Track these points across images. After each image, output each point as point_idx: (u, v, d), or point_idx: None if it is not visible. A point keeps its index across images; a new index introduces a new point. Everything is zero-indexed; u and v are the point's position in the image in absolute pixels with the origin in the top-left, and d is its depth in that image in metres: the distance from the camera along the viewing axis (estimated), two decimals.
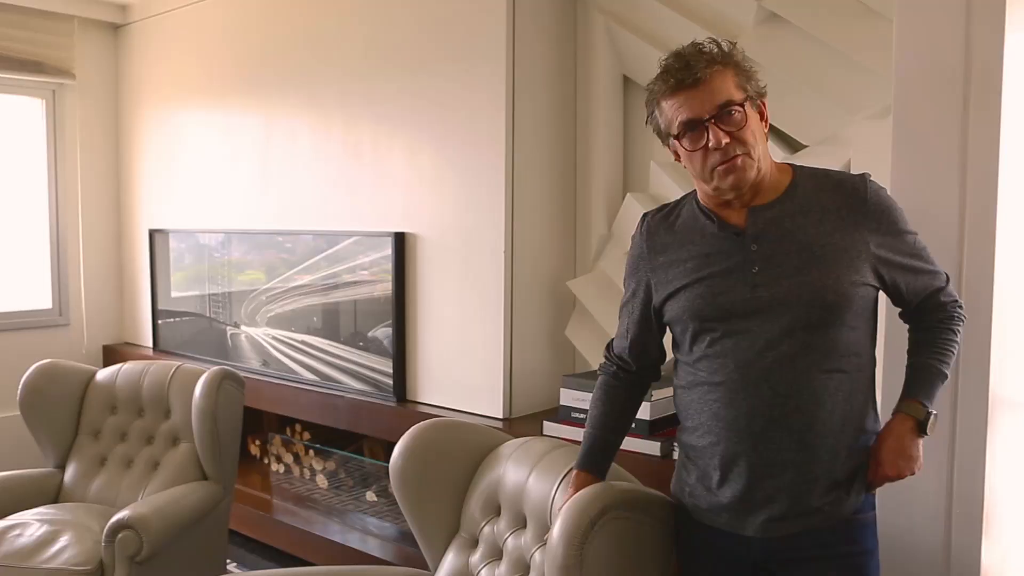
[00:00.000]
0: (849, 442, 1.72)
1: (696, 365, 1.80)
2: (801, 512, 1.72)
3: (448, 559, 2.30)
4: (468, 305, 3.14)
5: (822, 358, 1.69)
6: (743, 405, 1.71)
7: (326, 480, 4.10)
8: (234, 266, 4.12)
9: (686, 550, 1.91)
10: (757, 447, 1.71)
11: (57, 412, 3.32)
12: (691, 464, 1.84)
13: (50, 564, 2.64)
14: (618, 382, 1.99)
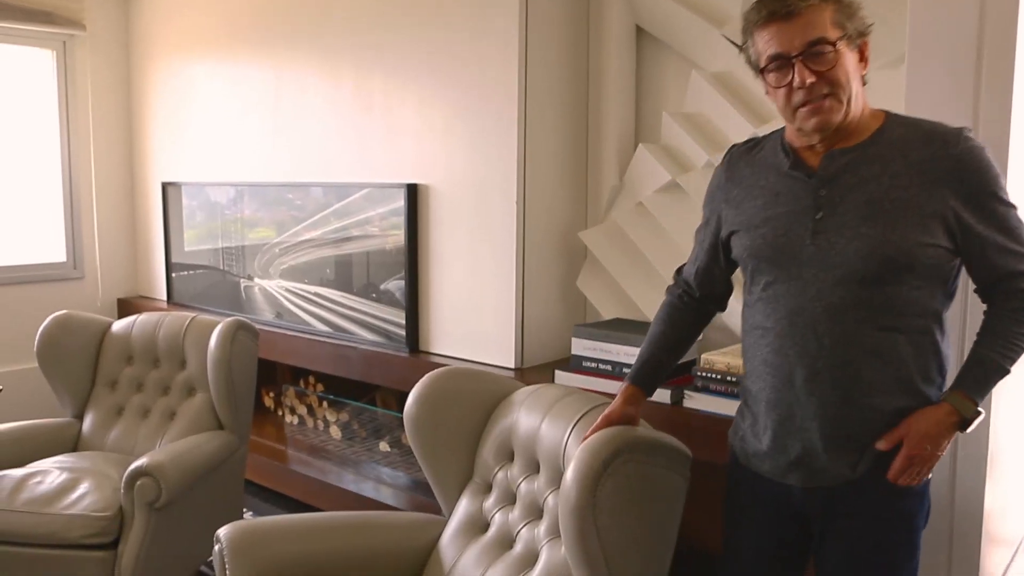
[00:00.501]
0: (899, 404, 1.68)
1: (754, 307, 1.80)
2: (842, 467, 1.71)
3: (462, 504, 2.33)
4: (480, 256, 3.14)
5: (876, 314, 1.65)
6: (789, 353, 1.71)
7: (340, 431, 4.15)
8: (246, 223, 4.13)
9: (733, 495, 1.93)
10: (800, 398, 1.71)
11: (74, 363, 3.35)
12: (746, 409, 1.86)
13: (71, 510, 2.69)
14: (682, 305, 2.00)
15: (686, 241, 2.89)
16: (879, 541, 1.73)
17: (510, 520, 2.20)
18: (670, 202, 2.98)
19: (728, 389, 2.49)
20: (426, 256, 3.33)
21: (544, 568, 2.02)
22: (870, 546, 1.73)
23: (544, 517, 2.11)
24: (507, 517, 2.22)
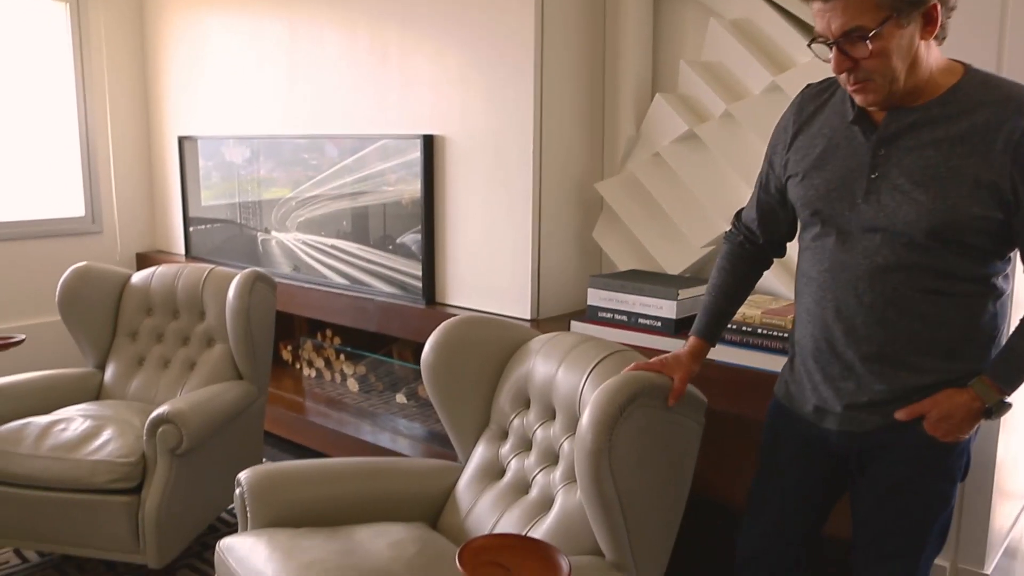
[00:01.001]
0: (938, 365, 1.67)
1: (803, 255, 1.81)
2: (876, 416, 1.72)
3: (478, 451, 2.36)
4: (496, 207, 3.14)
5: (920, 278, 1.63)
6: (829, 306, 1.72)
7: (357, 384, 4.19)
8: (262, 182, 4.13)
9: (769, 435, 1.95)
10: (837, 349, 1.72)
11: (94, 314, 3.39)
12: (793, 350, 1.88)
13: (95, 456, 2.74)
14: (742, 252, 1.99)
15: (703, 192, 2.90)
16: (915, 488, 1.74)
17: (526, 466, 2.23)
18: (687, 152, 2.96)
19: (744, 340, 2.49)
20: (442, 208, 3.33)
21: (559, 512, 2.04)
22: (905, 492, 1.74)
23: (560, 462, 2.13)
24: (523, 463, 2.24)
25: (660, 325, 2.73)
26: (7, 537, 2.86)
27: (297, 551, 1.95)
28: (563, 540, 1.96)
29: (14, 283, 4.50)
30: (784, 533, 1.95)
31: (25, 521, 2.80)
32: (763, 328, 2.45)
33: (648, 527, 1.92)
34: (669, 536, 2.01)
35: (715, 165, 2.87)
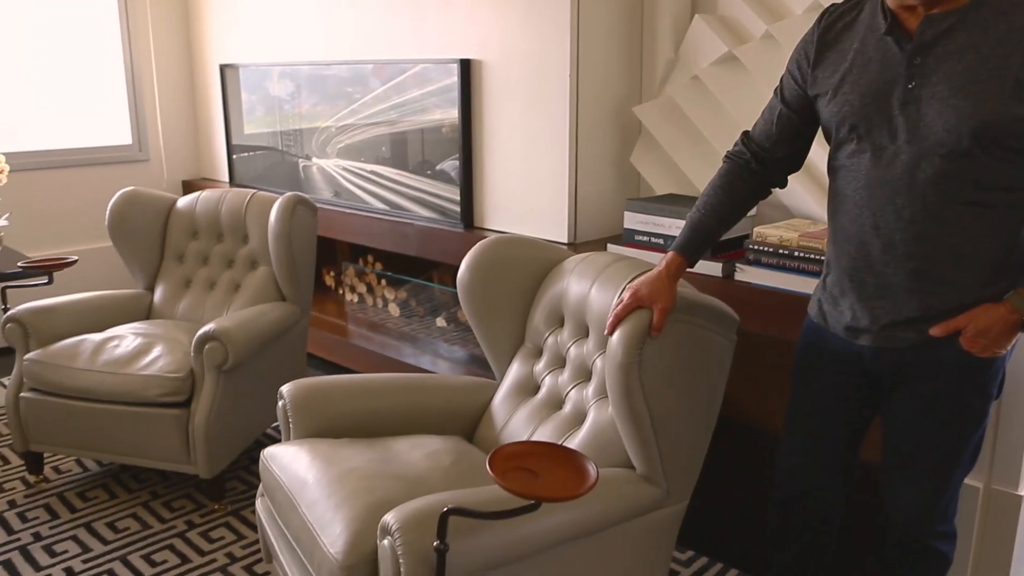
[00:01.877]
0: (977, 278, 1.67)
1: (837, 173, 1.80)
2: (911, 333, 1.72)
3: (513, 368, 2.41)
4: (534, 131, 3.14)
5: (961, 189, 1.61)
6: (867, 224, 1.71)
7: (398, 309, 4.26)
8: (304, 112, 4.16)
9: (804, 353, 1.96)
10: (874, 267, 1.72)
11: (142, 237, 3.48)
12: (827, 269, 1.88)
13: (147, 371, 2.85)
14: (747, 172, 1.94)
15: (743, 115, 2.87)
16: (949, 405, 1.75)
17: (559, 382, 2.28)
18: (726, 75, 2.93)
19: (780, 263, 2.49)
20: (480, 132, 3.34)
21: (591, 426, 2.10)
22: (939, 409, 1.76)
23: (592, 379, 2.18)
24: (557, 379, 2.29)
25: None
26: (69, 447, 3.00)
27: (337, 459, 2.03)
28: (595, 453, 2.02)
29: (67, 210, 4.63)
30: (821, 453, 1.98)
31: (85, 432, 2.94)
32: (800, 251, 2.44)
33: (678, 441, 1.96)
34: (699, 451, 2.06)
35: (755, 88, 2.84)
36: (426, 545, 1.59)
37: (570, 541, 1.85)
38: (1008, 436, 2.11)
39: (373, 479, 1.92)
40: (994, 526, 2.15)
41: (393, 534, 1.61)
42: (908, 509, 1.85)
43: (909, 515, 1.86)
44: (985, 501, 2.15)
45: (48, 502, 3.01)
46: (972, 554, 2.18)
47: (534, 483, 1.55)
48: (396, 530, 1.61)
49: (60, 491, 3.09)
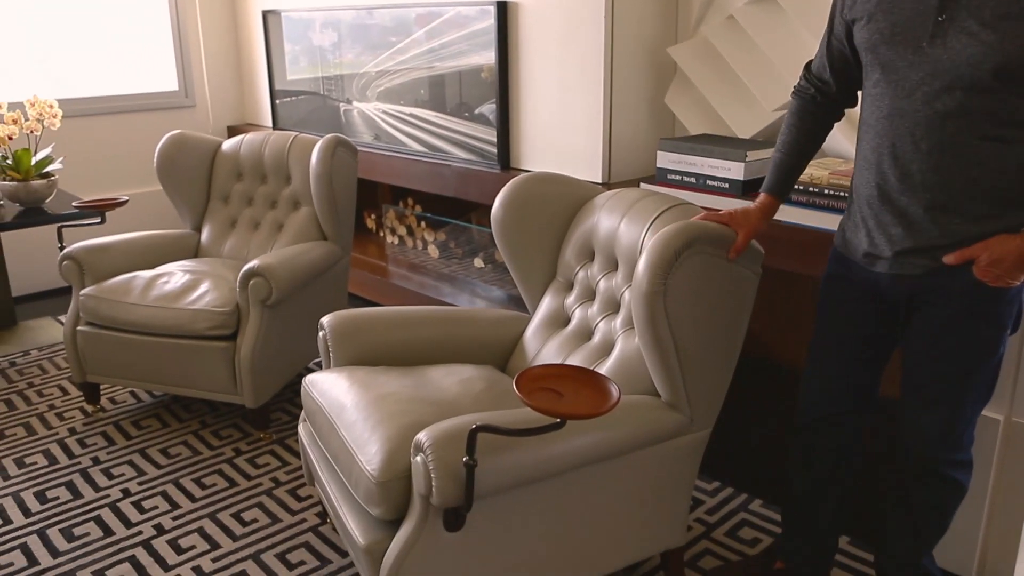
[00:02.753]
0: (992, 210, 1.69)
1: (864, 102, 1.84)
2: (925, 260, 1.76)
3: (545, 301, 2.48)
4: (569, 72, 3.17)
5: (980, 123, 1.63)
6: (886, 153, 1.75)
7: (437, 250, 4.35)
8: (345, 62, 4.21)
9: (828, 281, 2.02)
10: (891, 196, 1.76)
11: (189, 178, 3.59)
12: (850, 199, 1.93)
13: (195, 305, 2.97)
14: (813, 105, 2.00)
15: (777, 55, 2.87)
16: (961, 333, 1.79)
17: (589, 314, 2.35)
18: (762, 15, 2.92)
19: (811, 200, 2.52)
20: (516, 74, 3.37)
21: (619, 356, 2.16)
22: (951, 336, 1.79)
23: (620, 311, 2.24)
24: (586, 312, 2.36)
25: (728, 186, 2.77)
26: (123, 378, 3.15)
27: (374, 384, 2.13)
28: (622, 381, 2.08)
29: (116, 155, 4.76)
30: (841, 380, 2.03)
31: (138, 364, 3.08)
32: (830, 188, 2.46)
33: (701, 370, 2.02)
34: (723, 381, 2.12)
35: (790, 27, 2.83)
36: (456, 461, 1.68)
37: (596, 463, 1.93)
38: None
39: (408, 403, 2.02)
40: (1013, 457, 2.19)
41: (425, 451, 1.70)
42: (923, 436, 1.90)
43: (924, 442, 1.90)
44: (1005, 433, 2.18)
45: (105, 430, 3.17)
46: (991, 484, 2.22)
47: (559, 402, 1.63)
48: (428, 447, 1.70)
49: (116, 420, 3.25)
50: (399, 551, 1.77)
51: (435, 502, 1.70)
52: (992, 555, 2.28)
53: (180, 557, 2.44)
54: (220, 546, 2.49)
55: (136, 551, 2.47)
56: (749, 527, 2.55)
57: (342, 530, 2.02)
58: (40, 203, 3.67)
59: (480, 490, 1.71)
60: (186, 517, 2.63)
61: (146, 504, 2.70)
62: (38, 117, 3.66)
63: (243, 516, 2.63)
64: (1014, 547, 2.24)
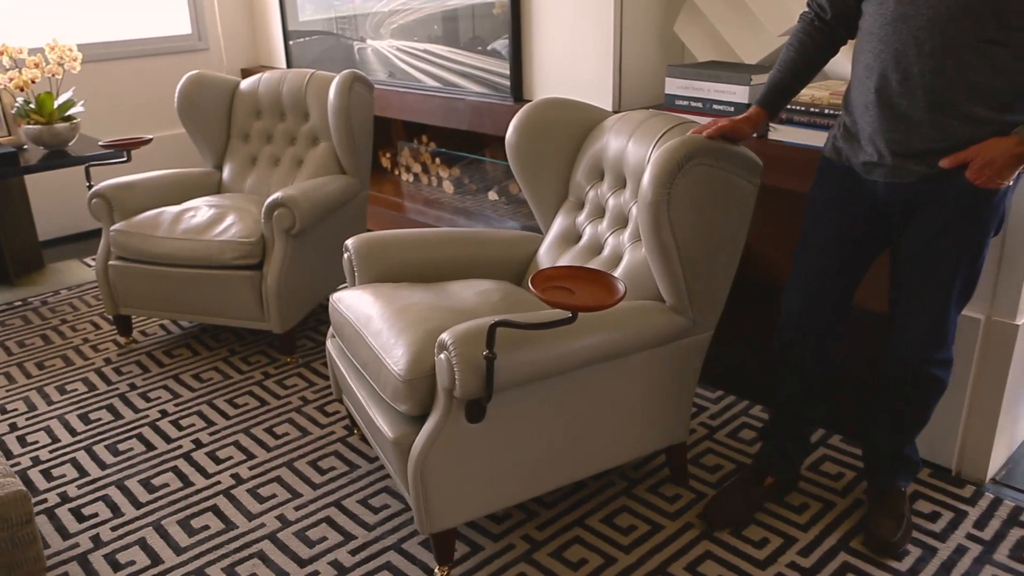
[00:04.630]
0: (991, 116, 1.76)
1: (865, 16, 1.90)
2: (922, 165, 1.84)
3: (557, 221, 2.60)
4: (581, 3, 3.24)
5: (981, 25, 1.70)
6: (888, 58, 1.82)
7: (452, 186, 4.45)
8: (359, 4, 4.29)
9: (818, 186, 2.10)
10: (892, 100, 1.83)
11: (209, 117, 3.70)
12: (844, 113, 2.01)
13: (222, 237, 3.10)
14: (813, 31, 2.06)
15: None
16: (952, 235, 1.89)
17: (599, 230, 2.47)
18: None
19: (811, 120, 2.60)
20: (528, 6, 3.45)
21: (627, 265, 2.29)
22: (943, 239, 1.90)
23: (628, 224, 2.36)
24: (596, 228, 2.48)
25: (733, 110, 2.86)
26: (154, 309, 3.30)
27: (397, 298, 2.26)
28: (629, 288, 2.21)
29: (131, 99, 4.86)
30: (823, 287, 2.12)
31: (168, 295, 3.22)
32: (830, 108, 2.55)
33: (703, 275, 2.14)
34: (723, 286, 2.23)
35: None
36: (476, 355, 1.81)
37: (605, 362, 2.07)
38: (1010, 271, 2.24)
39: (430, 311, 2.15)
40: (992, 354, 2.32)
41: (449, 348, 1.83)
42: (913, 339, 2.02)
43: (913, 345, 2.02)
44: (986, 331, 2.30)
45: (139, 359, 3.33)
46: (972, 379, 2.35)
47: (570, 297, 1.76)
48: (451, 344, 1.83)
49: (148, 350, 3.41)
50: (425, 442, 1.91)
51: (458, 394, 1.84)
52: (971, 446, 2.43)
53: (219, 467, 2.61)
54: (255, 456, 2.65)
55: (178, 462, 2.64)
56: (748, 429, 2.71)
57: (372, 429, 2.18)
58: (63, 146, 3.79)
59: (498, 383, 1.85)
60: (222, 433, 2.79)
61: (183, 423, 2.86)
62: (59, 61, 3.76)
63: (275, 431, 2.79)
64: (991, 437, 2.38)
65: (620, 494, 2.42)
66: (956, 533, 2.22)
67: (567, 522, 2.31)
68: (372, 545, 2.25)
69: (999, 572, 2.09)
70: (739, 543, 2.22)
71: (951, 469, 2.46)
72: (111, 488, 2.53)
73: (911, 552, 2.16)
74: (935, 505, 2.33)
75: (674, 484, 2.45)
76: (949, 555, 2.15)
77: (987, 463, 2.41)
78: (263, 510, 2.40)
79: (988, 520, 2.27)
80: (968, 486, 2.41)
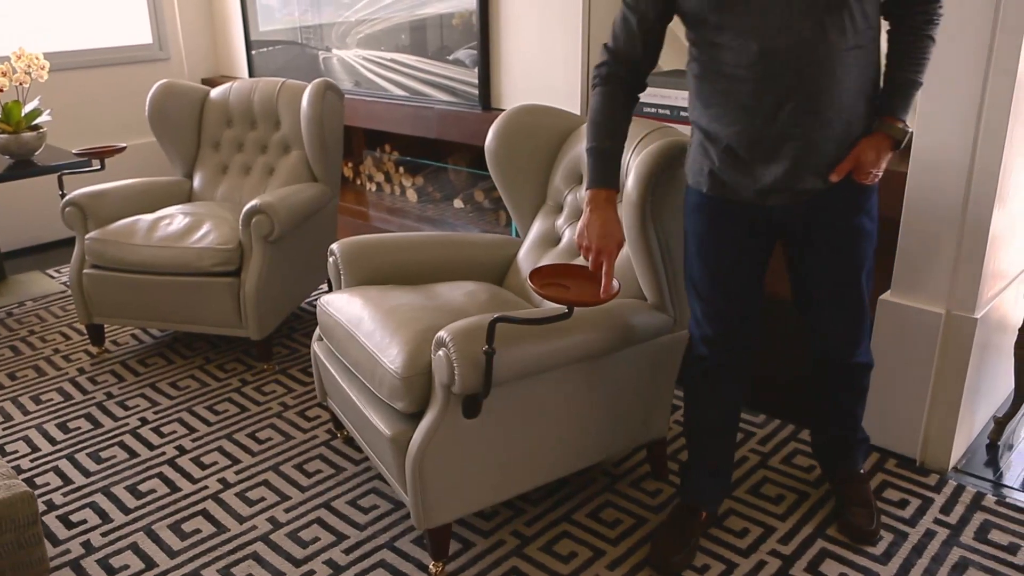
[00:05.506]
0: (863, 111, 1.87)
1: (716, 57, 1.86)
2: (817, 182, 1.90)
3: (536, 224, 2.68)
4: (548, 12, 3.33)
5: (842, 36, 1.77)
6: (769, 94, 1.82)
7: (415, 194, 4.51)
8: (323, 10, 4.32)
9: (704, 224, 2.03)
10: (783, 131, 1.84)
11: (180, 126, 3.71)
12: (710, 147, 1.95)
13: (200, 244, 3.12)
14: (626, 87, 2.03)
15: None
16: (856, 233, 1.98)
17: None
18: None
19: None
20: (496, 15, 3.52)
21: None
22: (850, 238, 1.98)
23: None
24: (576, 230, 2.55)
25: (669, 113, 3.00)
26: (129, 318, 3.30)
27: (386, 299, 2.32)
28: None
29: (92, 108, 4.82)
30: (740, 311, 2.10)
31: (144, 303, 3.23)
32: None
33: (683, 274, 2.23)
34: None
35: None
36: (476, 351, 1.88)
37: (593, 359, 2.15)
38: (968, 267, 2.38)
39: (421, 311, 2.21)
40: (952, 347, 2.45)
41: (448, 345, 1.90)
42: (841, 342, 2.14)
43: (842, 347, 2.14)
44: (946, 325, 2.44)
45: (113, 368, 3.33)
46: (934, 371, 2.48)
47: (566, 293, 1.84)
48: (450, 341, 1.90)
49: (122, 359, 3.40)
50: (423, 437, 1.97)
51: (457, 390, 1.90)
52: (933, 436, 2.56)
53: (204, 472, 2.63)
54: (240, 461, 2.68)
55: (163, 468, 2.65)
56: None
57: (365, 428, 2.23)
58: (30, 155, 3.77)
59: (495, 378, 1.92)
60: (204, 439, 2.81)
61: (164, 430, 2.87)
62: (26, 69, 3.74)
63: (258, 436, 2.82)
64: (953, 428, 2.51)
65: (603, 490, 2.50)
66: (924, 519, 2.35)
67: (554, 518, 2.38)
68: (365, 544, 2.29)
69: (966, 553, 2.21)
70: (721, 533, 2.31)
71: (915, 459, 2.59)
72: (97, 495, 2.53)
73: (884, 537, 2.27)
74: (903, 493, 2.45)
75: (654, 479, 2.54)
76: (919, 539, 2.27)
77: (949, 452, 2.54)
78: (253, 513, 2.43)
79: (953, 506, 2.40)
80: (932, 475, 2.53)
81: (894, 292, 2.53)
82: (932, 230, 2.41)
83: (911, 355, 2.50)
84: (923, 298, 2.47)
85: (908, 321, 2.48)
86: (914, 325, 2.47)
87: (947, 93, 2.29)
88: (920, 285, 2.46)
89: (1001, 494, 2.45)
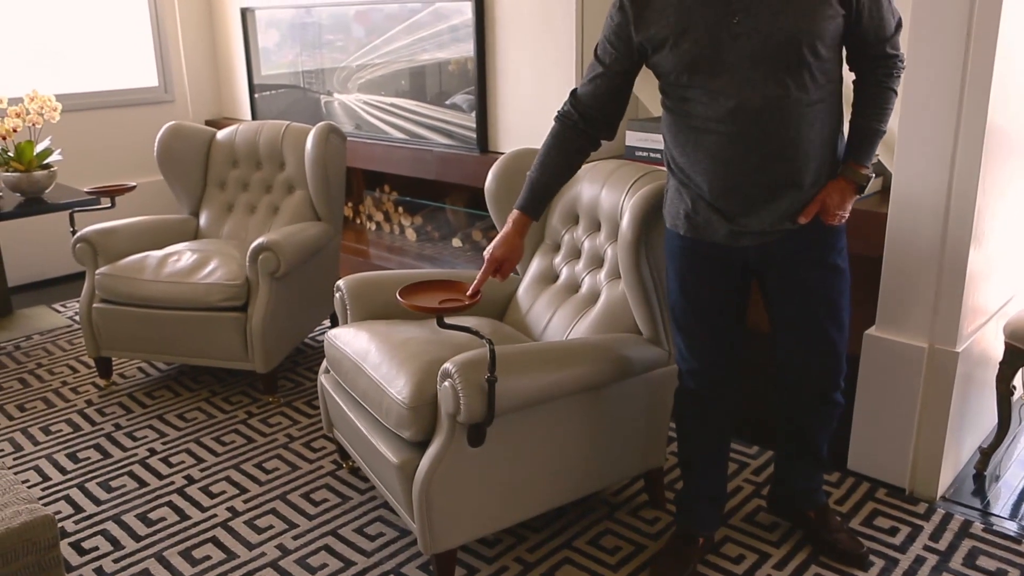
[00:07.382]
0: (827, 158, 1.98)
1: (688, 109, 1.95)
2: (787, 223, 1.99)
3: (534, 263, 2.79)
4: (543, 58, 3.48)
5: (805, 92, 1.86)
6: (738, 146, 1.92)
7: (415, 233, 4.63)
8: (325, 56, 4.47)
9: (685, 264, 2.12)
10: (754, 179, 1.95)
11: (187, 166, 3.83)
12: (685, 192, 2.05)
13: (208, 280, 3.22)
14: (576, 131, 2.12)
15: None
16: (830, 273, 2.07)
17: (576, 270, 2.66)
18: None
19: None
20: (493, 63, 3.67)
21: (604, 302, 2.48)
22: (824, 278, 2.07)
23: (605, 264, 2.56)
24: (573, 268, 2.68)
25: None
26: (137, 351, 3.39)
27: (393, 333, 2.42)
28: (608, 323, 2.42)
29: (99, 149, 4.96)
30: (721, 347, 2.19)
31: (152, 337, 3.32)
32: None
33: None
34: None
35: None
36: (479, 380, 1.98)
37: (592, 390, 2.25)
38: (949, 302, 2.49)
39: (426, 345, 2.31)
40: (936, 380, 2.56)
41: (453, 376, 2.00)
42: (817, 382, 2.20)
43: (819, 383, 2.20)
44: (929, 359, 2.55)
45: (121, 400, 3.41)
46: (919, 403, 2.59)
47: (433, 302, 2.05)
48: (456, 372, 2.00)
49: (129, 391, 3.48)
50: (429, 465, 2.07)
51: (462, 419, 2.00)
52: (921, 466, 2.66)
53: (213, 500, 2.71)
54: (248, 490, 2.76)
55: (172, 497, 2.73)
56: None
57: (372, 457, 2.32)
58: (40, 193, 3.89)
59: (498, 408, 2.02)
60: (212, 469, 2.89)
61: (173, 460, 2.96)
62: (39, 111, 3.87)
63: (265, 466, 2.90)
64: (939, 458, 2.61)
65: (603, 518, 2.59)
66: (914, 545, 2.44)
67: (555, 545, 2.47)
68: (372, 570, 2.37)
69: None
70: (718, 560, 2.39)
71: (904, 488, 2.68)
72: (108, 523, 2.61)
73: (875, 563, 2.36)
74: (893, 521, 2.55)
75: (652, 507, 2.63)
76: (910, 565, 2.36)
77: (937, 482, 2.64)
78: (262, 540, 2.51)
79: (942, 533, 2.49)
80: (921, 503, 2.63)
81: (879, 327, 2.64)
82: (913, 268, 2.53)
83: (897, 388, 2.61)
84: (906, 333, 2.58)
85: (893, 355, 2.60)
86: (899, 359, 2.58)
87: (922, 139, 2.42)
88: (903, 320, 2.58)
89: (989, 522, 2.55)
